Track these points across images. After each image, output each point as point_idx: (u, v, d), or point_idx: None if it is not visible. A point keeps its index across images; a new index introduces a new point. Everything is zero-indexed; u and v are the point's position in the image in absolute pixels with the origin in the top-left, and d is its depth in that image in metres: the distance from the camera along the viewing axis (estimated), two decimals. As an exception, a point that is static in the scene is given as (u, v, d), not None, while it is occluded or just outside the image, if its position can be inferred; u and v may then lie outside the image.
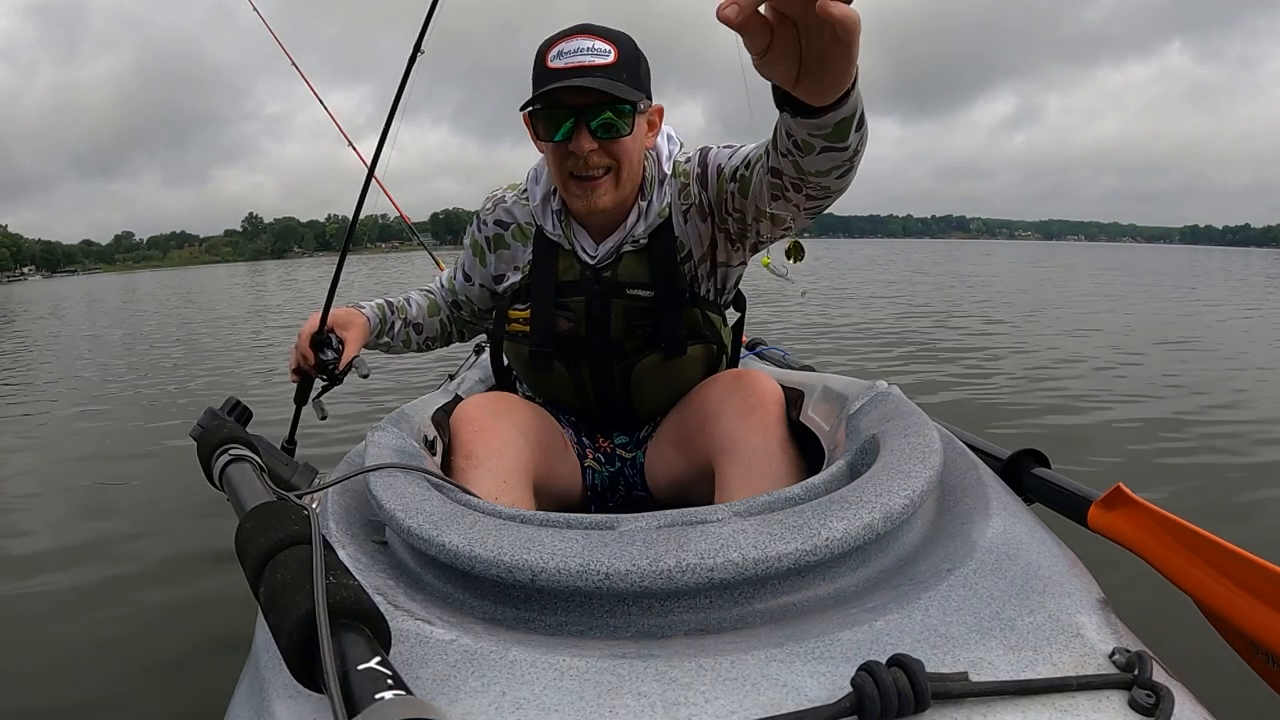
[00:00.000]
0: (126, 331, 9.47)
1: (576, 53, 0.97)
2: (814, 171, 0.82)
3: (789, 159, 0.82)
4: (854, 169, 0.83)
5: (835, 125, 0.71)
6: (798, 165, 0.82)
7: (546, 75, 0.98)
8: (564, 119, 0.99)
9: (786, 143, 0.79)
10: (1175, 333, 6.34)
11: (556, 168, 1.04)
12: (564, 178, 1.04)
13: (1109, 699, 0.47)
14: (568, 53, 0.97)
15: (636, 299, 1.10)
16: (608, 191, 1.04)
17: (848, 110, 0.70)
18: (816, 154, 0.78)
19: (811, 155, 0.78)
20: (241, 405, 1.05)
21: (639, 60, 1.02)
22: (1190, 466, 2.66)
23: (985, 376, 4.33)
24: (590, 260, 1.12)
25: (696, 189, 1.10)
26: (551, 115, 1.00)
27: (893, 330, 6.55)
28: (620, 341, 1.12)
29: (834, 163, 0.80)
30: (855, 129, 0.74)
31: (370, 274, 23.15)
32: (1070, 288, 12.05)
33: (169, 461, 3.16)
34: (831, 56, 0.58)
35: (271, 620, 0.45)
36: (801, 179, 0.85)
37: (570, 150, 1.00)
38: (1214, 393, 3.84)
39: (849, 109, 0.70)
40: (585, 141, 0.99)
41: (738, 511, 0.70)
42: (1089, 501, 0.88)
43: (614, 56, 0.98)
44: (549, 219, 1.13)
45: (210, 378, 5.37)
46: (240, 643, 0.68)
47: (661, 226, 1.10)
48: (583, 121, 0.98)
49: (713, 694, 0.48)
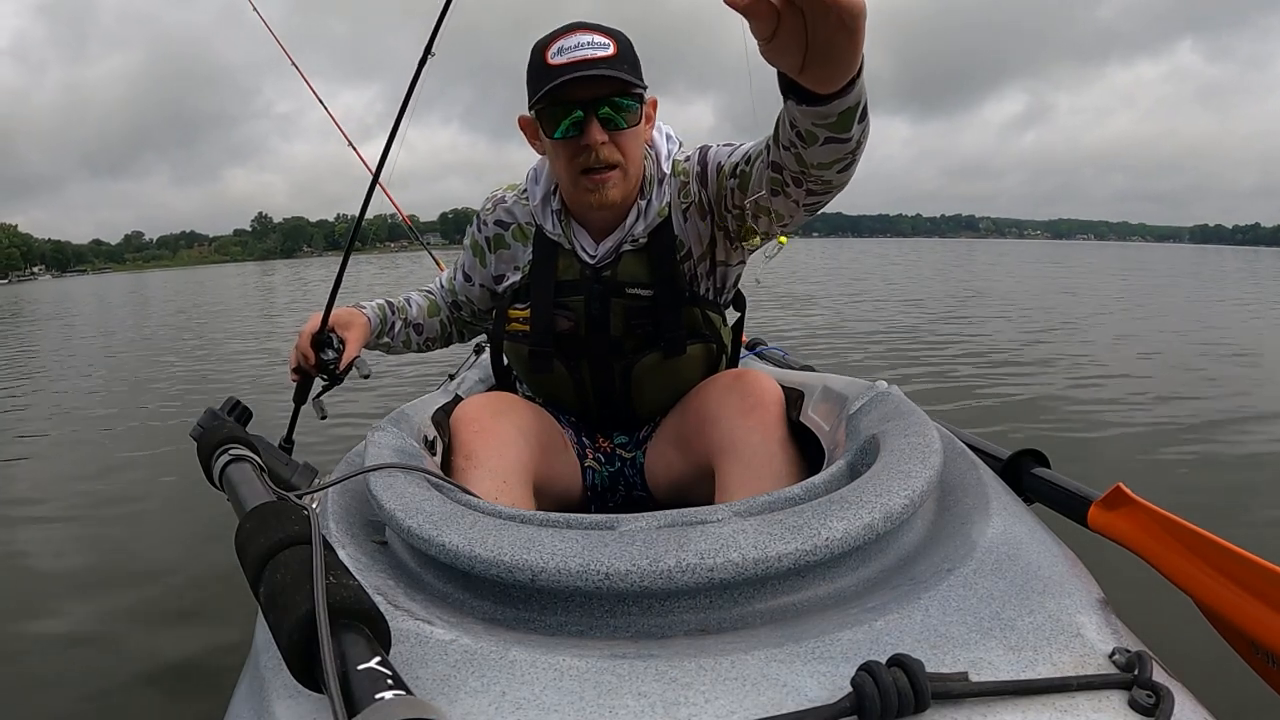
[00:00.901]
0: (136, 335, 9.38)
1: (577, 48, 0.97)
2: (815, 164, 0.82)
3: (791, 151, 0.82)
4: (855, 163, 0.83)
5: (840, 114, 0.72)
6: (800, 158, 0.82)
7: (550, 73, 0.97)
8: (573, 113, 0.99)
9: (789, 134, 0.79)
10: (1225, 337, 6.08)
11: (566, 164, 1.04)
12: (574, 174, 1.04)
13: (1109, 699, 0.47)
14: (568, 49, 0.97)
15: (636, 298, 1.10)
16: (617, 184, 1.04)
17: (852, 99, 0.70)
18: (819, 145, 0.78)
19: (814, 146, 0.78)
20: (241, 405, 1.05)
21: (634, 52, 1.02)
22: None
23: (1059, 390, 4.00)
24: (590, 259, 1.12)
25: (696, 187, 1.10)
26: (559, 111, 1.00)
27: (950, 347, 5.63)
28: (620, 341, 1.13)
29: (836, 155, 0.80)
30: (858, 120, 0.74)
31: (380, 273, 23.17)
32: (1101, 290, 11.50)
33: (170, 461, 3.16)
34: (837, 42, 0.59)
35: (271, 620, 0.45)
36: (803, 172, 0.85)
37: (583, 144, 1.00)
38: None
39: (854, 98, 0.70)
40: (597, 133, 0.99)
41: (738, 511, 0.70)
42: (1089, 501, 0.88)
43: (614, 49, 0.98)
44: (549, 218, 1.13)
45: (217, 378, 5.38)
46: (240, 643, 0.68)
47: (661, 225, 1.10)
48: (592, 113, 0.99)
49: (713, 694, 0.48)
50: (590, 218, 1.11)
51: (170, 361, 6.49)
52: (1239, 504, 2.31)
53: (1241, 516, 2.20)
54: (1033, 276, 14.83)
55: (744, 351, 1.67)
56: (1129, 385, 4.08)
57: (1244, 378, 4.38)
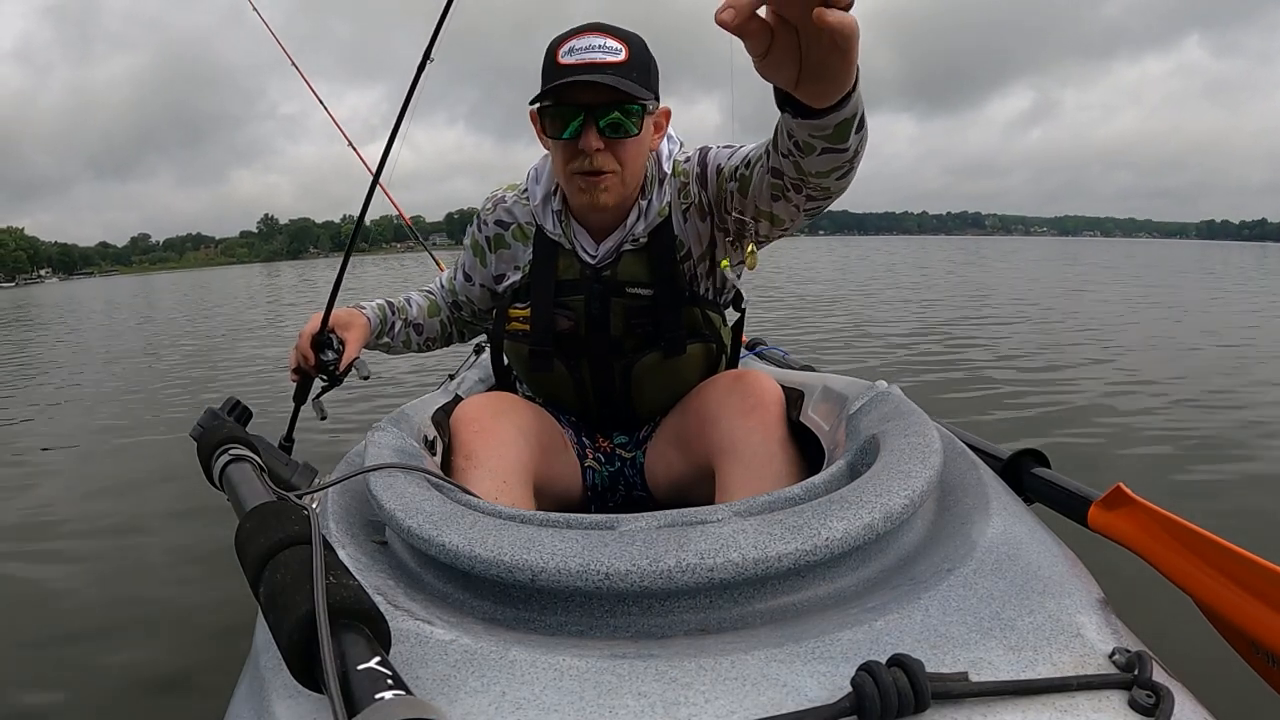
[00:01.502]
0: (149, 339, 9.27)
1: (588, 50, 0.97)
2: (814, 172, 0.83)
3: (790, 159, 0.83)
4: (854, 170, 0.85)
5: (836, 127, 0.73)
6: (798, 166, 0.83)
7: (557, 71, 0.98)
8: (573, 116, 0.99)
9: (787, 143, 0.80)
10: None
11: (562, 165, 1.05)
12: (569, 175, 1.04)
13: (1109, 699, 0.47)
14: (579, 49, 0.97)
15: (636, 297, 1.11)
16: (611, 189, 1.04)
17: (848, 112, 0.71)
18: (817, 155, 0.79)
19: (812, 156, 0.79)
20: (241, 405, 1.05)
21: (649, 61, 1.02)
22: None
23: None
24: (590, 259, 1.12)
25: (696, 188, 1.10)
26: (560, 112, 1.00)
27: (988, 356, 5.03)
28: (620, 340, 1.13)
29: (834, 164, 0.81)
30: (855, 130, 0.75)
31: (386, 272, 23.10)
32: (1123, 290, 10.74)
33: (172, 461, 3.16)
34: (830, 62, 0.60)
35: (271, 620, 0.45)
36: (802, 179, 0.85)
37: (579, 148, 1.00)
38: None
39: (849, 111, 0.71)
40: (593, 140, 0.99)
41: (738, 511, 0.70)
42: (1089, 501, 0.88)
43: (625, 55, 0.98)
44: (549, 218, 1.13)
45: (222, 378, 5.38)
46: (240, 643, 0.68)
47: (661, 225, 1.10)
48: (591, 120, 0.99)
49: (712, 694, 0.48)
50: (590, 218, 1.12)
51: (174, 362, 6.48)
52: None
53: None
54: (1044, 276, 14.02)
55: (744, 351, 1.67)
56: (1172, 390, 3.78)
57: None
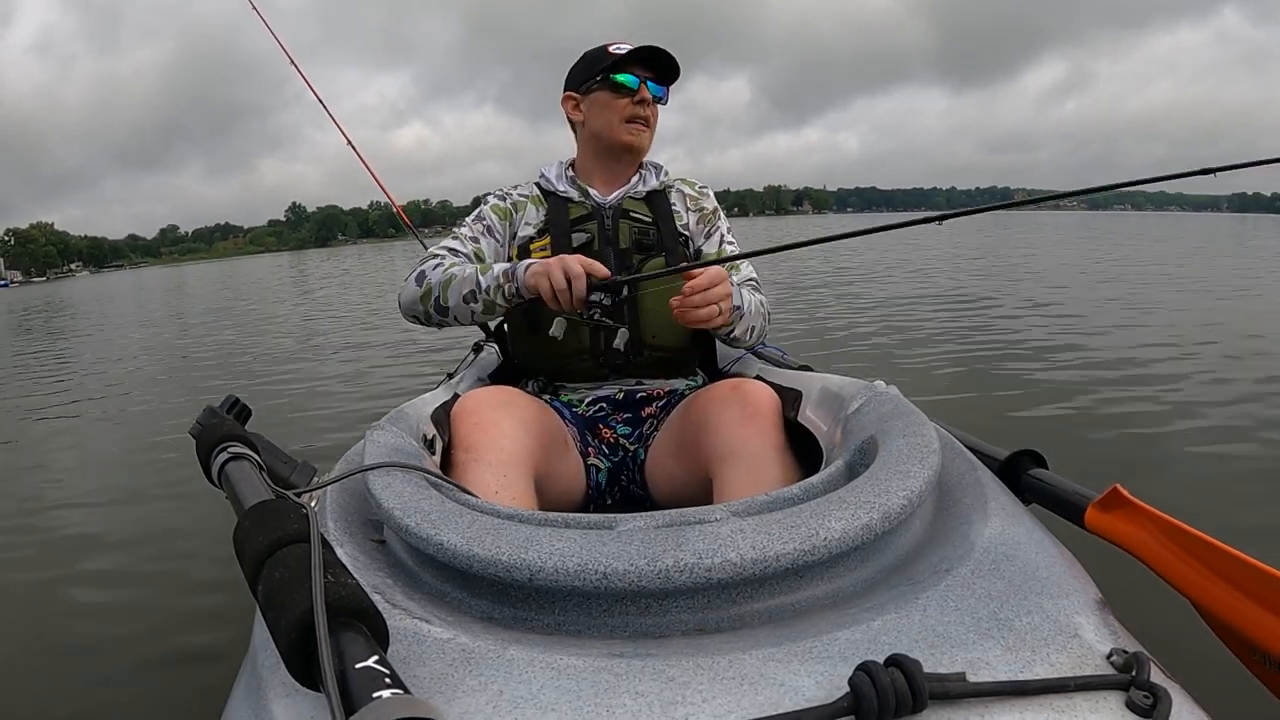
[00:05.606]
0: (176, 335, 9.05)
1: (644, 43, 1.28)
2: (727, 339, 1.29)
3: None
4: (758, 340, 1.36)
5: (726, 337, 1.26)
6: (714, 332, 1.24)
7: (630, 53, 1.27)
8: (647, 73, 1.28)
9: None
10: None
11: (619, 113, 1.29)
12: (624, 120, 1.30)
13: (1106, 700, 0.47)
14: (630, 45, 1.28)
15: (640, 221, 1.33)
16: (647, 137, 1.33)
17: (734, 333, 1.24)
18: (724, 337, 1.29)
19: (720, 336, 1.29)
20: (241, 403, 1.05)
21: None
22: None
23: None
24: (600, 201, 1.33)
25: (694, 214, 1.38)
26: (641, 68, 1.28)
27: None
28: (628, 253, 1.30)
29: (736, 345, 1.33)
30: (746, 336, 1.27)
31: (413, 256, 22.94)
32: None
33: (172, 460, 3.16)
34: (704, 325, 1.11)
35: (269, 618, 0.45)
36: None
37: (639, 98, 1.29)
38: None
39: (734, 331, 1.23)
40: (648, 94, 1.30)
41: (735, 511, 0.70)
42: (1086, 502, 0.88)
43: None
44: (563, 182, 1.35)
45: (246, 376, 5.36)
46: (239, 641, 0.68)
47: (660, 191, 1.36)
48: (655, 81, 1.30)
49: (710, 693, 0.48)
50: (614, 167, 1.35)
51: (204, 355, 6.43)
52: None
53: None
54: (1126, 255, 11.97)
55: (742, 351, 1.67)
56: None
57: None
